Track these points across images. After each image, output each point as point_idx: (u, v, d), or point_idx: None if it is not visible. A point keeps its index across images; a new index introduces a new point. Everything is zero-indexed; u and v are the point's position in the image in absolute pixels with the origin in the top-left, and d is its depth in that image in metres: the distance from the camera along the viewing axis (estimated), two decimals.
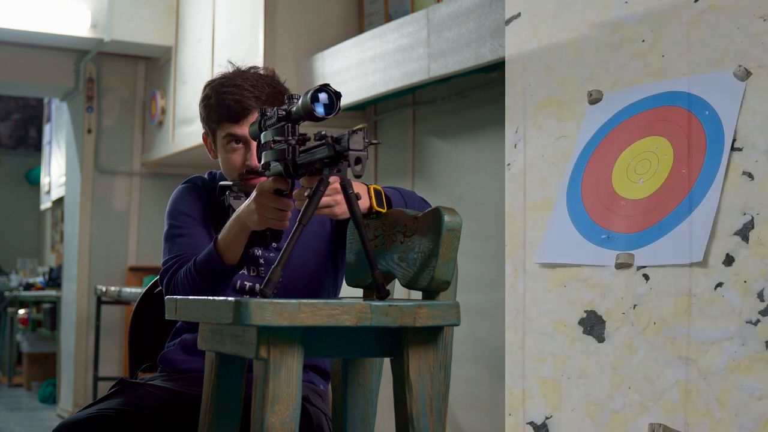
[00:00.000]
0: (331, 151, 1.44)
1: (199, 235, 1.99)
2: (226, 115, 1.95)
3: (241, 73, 2.00)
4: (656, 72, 1.48)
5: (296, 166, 1.58)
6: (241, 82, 1.97)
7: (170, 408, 1.85)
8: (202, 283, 1.86)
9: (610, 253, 1.45)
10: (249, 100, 1.94)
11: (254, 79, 1.98)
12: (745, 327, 1.27)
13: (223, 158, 2.01)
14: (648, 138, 1.47)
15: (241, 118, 1.94)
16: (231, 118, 1.95)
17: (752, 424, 1.25)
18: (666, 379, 1.35)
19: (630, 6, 1.53)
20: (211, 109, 1.99)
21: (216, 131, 2.00)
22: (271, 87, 1.99)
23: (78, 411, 1.89)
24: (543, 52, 1.66)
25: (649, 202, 1.43)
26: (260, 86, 1.97)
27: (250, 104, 1.94)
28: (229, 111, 1.94)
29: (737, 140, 1.34)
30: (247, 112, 1.94)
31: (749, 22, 1.35)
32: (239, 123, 1.95)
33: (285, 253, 1.40)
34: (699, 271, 1.34)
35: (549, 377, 1.52)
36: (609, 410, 1.42)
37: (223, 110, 1.95)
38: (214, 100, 1.98)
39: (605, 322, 1.45)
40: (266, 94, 1.96)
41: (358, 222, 1.43)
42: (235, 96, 1.94)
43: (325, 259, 2.04)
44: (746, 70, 1.35)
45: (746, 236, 1.29)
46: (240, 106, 1.93)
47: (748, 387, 1.26)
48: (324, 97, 1.48)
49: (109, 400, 1.91)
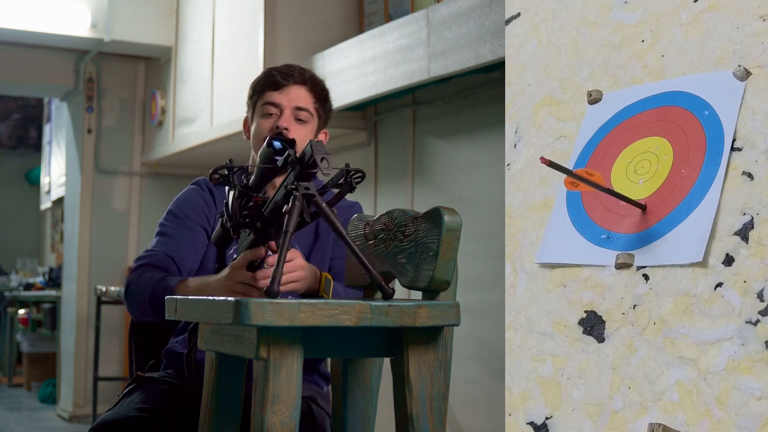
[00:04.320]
0: (295, 167, 1.44)
1: (184, 236, 2.08)
2: (269, 83, 2.12)
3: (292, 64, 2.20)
4: (656, 72, 1.48)
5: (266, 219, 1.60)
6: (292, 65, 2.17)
7: (192, 402, 1.87)
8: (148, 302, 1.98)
9: (610, 253, 1.45)
10: (293, 73, 2.12)
11: (301, 67, 2.17)
12: (745, 327, 1.27)
13: (255, 127, 2.13)
14: (648, 138, 1.47)
15: (281, 86, 2.11)
16: (273, 86, 2.11)
17: (752, 424, 1.25)
18: (666, 379, 1.36)
19: (629, 6, 1.53)
20: (258, 82, 2.16)
21: (257, 103, 2.14)
22: (315, 76, 2.17)
23: (109, 410, 1.92)
24: (543, 52, 1.66)
25: (649, 202, 1.43)
26: (306, 71, 2.15)
27: (292, 75, 2.11)
28: (272, 79, 2.12)
29: (737, 140, 1.34)
30: (288, 80, 2.11)
31: (749, 22, 1.35)
32: (279, 90, 2.10)
33: (281, 254, 1.38)
34: (699, 271, 1.34)
35: (549, 377, 1.52)
36: (609, 410, 1.43)
37: (267, 79, 2.13)
38: (263, 74, 2.16)
39: (605, 322, 1.45)
40: (310, 76, 2.14)
41: (342, 235, 1.41)
42: (282, 70, 2.14)
43: None
44: (746, 70, 1.35)
45: (746, 236, 1.29)
46: (282, 76, 2.11)
47: (748, 387, 1.26)
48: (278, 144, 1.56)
49: (133, 398, 1.95)
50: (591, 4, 1.60)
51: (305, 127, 2.08)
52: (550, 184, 1.59)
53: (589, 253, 1.48)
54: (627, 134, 1.50)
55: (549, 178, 1.60)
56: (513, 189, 1.66)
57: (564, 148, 1.60)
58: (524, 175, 1.65)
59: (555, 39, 1.65)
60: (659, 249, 1.38)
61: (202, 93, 5.34)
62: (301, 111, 2.08)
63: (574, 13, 1.62)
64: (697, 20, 1.42)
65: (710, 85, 1.40)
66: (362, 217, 1.66)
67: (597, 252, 1.47)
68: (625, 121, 1.51)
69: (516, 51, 1.71)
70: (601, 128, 1.54)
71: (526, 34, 1.70)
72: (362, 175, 1.52)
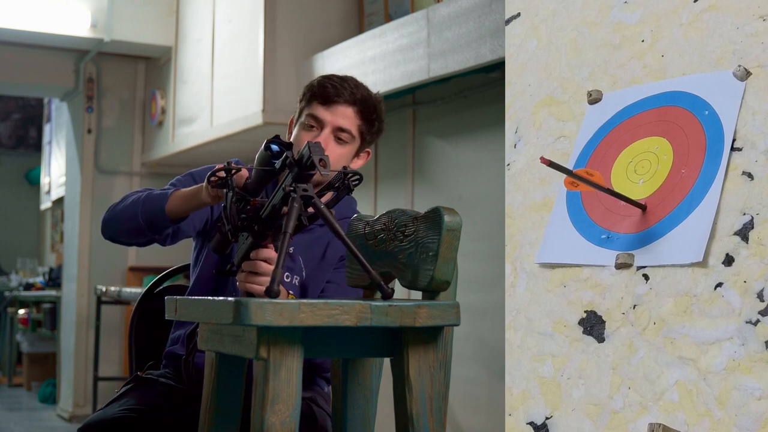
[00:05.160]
0: (293, 168, 1.44)
1: None
2: (318, 95, 2.05)
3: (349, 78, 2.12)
4: (656, 72, 1.48)
5: (264, 221, 1.60)
6: (349, 78, 2.10)
7: (190, 404, 1.87)
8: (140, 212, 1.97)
9: (610, 253, 1.45)
10: (344, 91, 2.04)
11: (357, 83, 2.09)
12: (745, 327, 1.27)
13: (296, 135, 2.09)
14: (648, 138, 1.47)
15: (329, 102, 2.04)
16: (321, 99, 2.04)
17: (752, 424, 1.25)
18: (666, 379, 1.36)
19: (629, 6, 1.53)
20: (309, 89, 2.09)
21: (303, 110, 2.08)
22: (368, 97, 2.08)
23: (100, 410, 1.92)
24: (543, 52, 1.66)
25: (649, 202, 1.43)
26: (360, 89, 2.08)
27: (343, 94, 2.04)
28: (323, 92, 2.05)
29: (737, 140, 1.34)
30: (337, 98, 2.04)
31: (749, 22, 1.35)
32: (325, 106, 2.04)
33: (281, 255, 1.38)
34: (699, 271, 1.34)
35: (549, 377, 1.52)
36: (609, 410, 1.43)
37: (318, 90, 2.06)
38: (317, 82, 2.09)
39: (605, 322, 1.45)
40: (361, 97, 2.06)
41: (340, 235, 1.41)
42: (334, 83, 2.05)
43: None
44: (746, 70, 1.35)
45: (746, 236, 1.29)
46: (334, 92, 2.04)
47: (748, 387, 1.26)
48: (275, 147, 1.53)
49: (127, 398, 1.94)
50: (591, 4, 1.60)
51: (344, 147, 2.03)
52: (550, 184, 1.59)
53: (589, 253, 1.48)
54: (627, 134, 1.50)
55: (549, 178, 1.60)
56: (513, 189, 1.66)
57: (564, 148, 1.60)
58: (524, 175, 1.65)
59: (555, 39, 1.65)
60: (659, 249, 1.38)
61: (202, 93, 5.34)
62: (343, 132, 2.03)
63: (574, 13, 1.62)
64: (697, 20, 1.42)
65: (710, 85, 1.40)
66: (362, 217, 1.66)
67: (597, 252, 1.47)
68: (625, 121, 1.51)
69: (516, 51, 1.71)
70: (601, 128, 1.55)
71: (526, 34, 1.70)
72: (359, 177, 1.52)
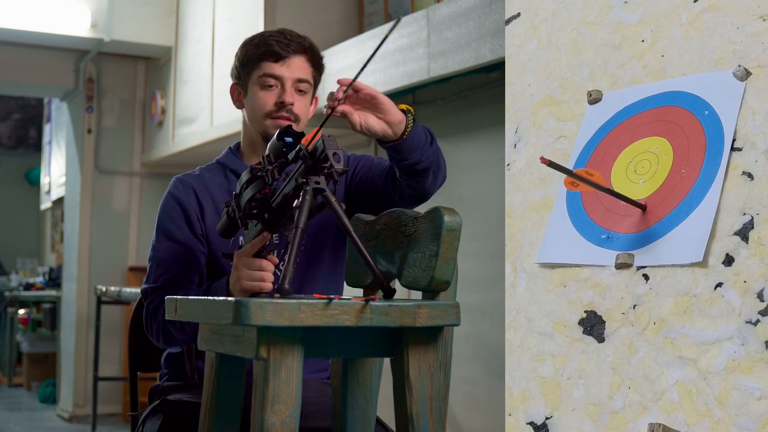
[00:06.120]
0: (307, 161, 1.44)
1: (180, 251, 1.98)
2: (268, 53, 2.00)
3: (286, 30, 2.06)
4: (656, 72, 1.48)
5: (274, 210, 1.59)
6: (287, 31, 2.04)
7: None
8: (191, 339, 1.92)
9: (610, 253, 1.45)
10: (293, 44, 2.00)
11: (296, 33, 2.04)
12: (745, 327, 1.27)
13: (252, 99, 2.02)
14: (648, 138, 1.47)
15: (282, 58, 1.99)
16: (272, 57, 1.99)
17: (752, 424, 1.25)
18: (666, 379, 1.36)
19: (629, 6, 1.53)
20: (252, 48, 2.02)
21: (252, 72, 2.02)
22: (312, 43, 2.05)
23: None
24: (543, 52, 1.66)
25: (649, 202, 1.43)
26: (303, 38, 2.03)
27: (293, 47, 2.00)
28: (271, 50, 1.99)
29: (737, 140, 1.34)
30: (289, 51, 2.00)
31: (749, 22, 1.35)
32: (279, 62, 1.99)
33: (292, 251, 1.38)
34: (699, 271, 1.34)
35: (549, 377, 1.52)
36: (609, 410, 1.43)
37: (265, 48, 2.00)
38: (258, 40, 2.02)
39: (605, 322, 1.45)
40: (309, 45, 2.03)
41: (349, 231, 1.41)
42: (279, 38, 2.00)
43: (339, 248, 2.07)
44: (746, 70, 1.35)
45: (746, 236, 1.29)
46: (284, 46, 1.99)
47: (748, 387, 1.26)
48: (289, 139, 1.52)
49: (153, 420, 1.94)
50: (591, 4, 1.60)
51: (305, 97, 2.01)
52: (550, 184, 1.59)
53: (589, 253, 1.48)
54: (627, 134, 1.50)
55: (549, 178, 1.60)
56: (513, 189, 1.66)
57: (564, 148, 1.60)
58: (524, 175, 1.65)
59: (555, 39, 1.65)
60: (659, 249, 1.38)
61: (202, 93, 5.34)
62: (302, 83, 2.01)
63: (574, 13, 1.62)
64: (697, 20, 1.42)
65: (710, 85, 1.40)
66: (362, 217, 1.66)
67: (597, 252, 1.47)
68: (625, 121, 1.51)
69: (516, 51, 1.71)
70: (601, 128, 1.55)
71: (526, 34, 1.70)
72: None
